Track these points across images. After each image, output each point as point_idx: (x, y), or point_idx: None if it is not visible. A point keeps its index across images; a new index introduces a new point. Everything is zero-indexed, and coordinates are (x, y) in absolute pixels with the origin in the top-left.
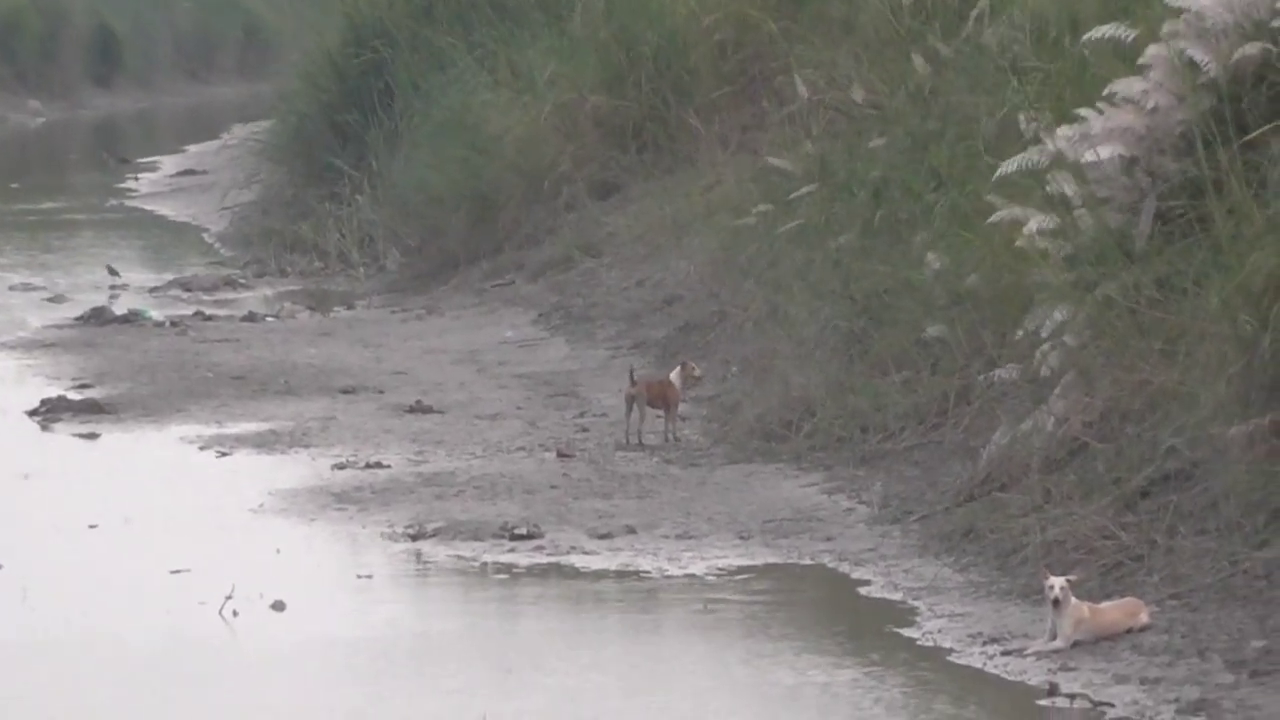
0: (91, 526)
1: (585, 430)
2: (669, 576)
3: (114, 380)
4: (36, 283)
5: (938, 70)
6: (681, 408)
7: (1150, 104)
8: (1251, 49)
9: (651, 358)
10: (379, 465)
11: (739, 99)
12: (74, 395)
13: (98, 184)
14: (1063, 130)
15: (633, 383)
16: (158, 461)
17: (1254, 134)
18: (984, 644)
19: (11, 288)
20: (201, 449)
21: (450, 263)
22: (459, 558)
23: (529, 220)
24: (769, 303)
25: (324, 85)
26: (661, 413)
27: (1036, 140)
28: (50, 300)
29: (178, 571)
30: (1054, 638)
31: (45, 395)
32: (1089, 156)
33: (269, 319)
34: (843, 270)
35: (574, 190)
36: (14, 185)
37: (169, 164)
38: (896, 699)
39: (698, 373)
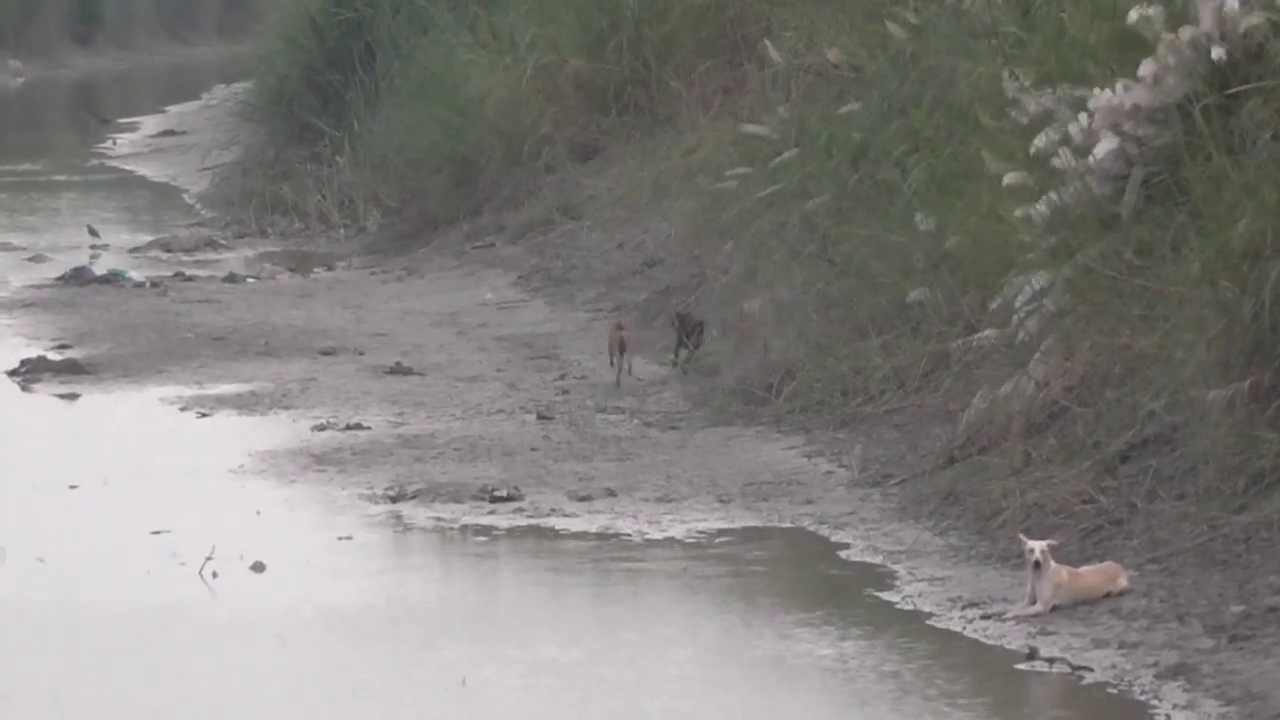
0: (71, 487)
1: (565, 392)
2: (649, 539)
3: (94, 341)
4: (16, 242)
5: (917, 34)
6: (661, 371)
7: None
8: (1256, 19)
9: (631, 320)
10: (359, 427)
11: (720, 62)
12: (54, 356)
13: (78, 144)
14: (1051, 99)
15: (619, 326)
16: (137, 422)
17: (1230, 90)
18: (963, 608)
19: None
20: (181, 410)
21: (430, 224)
22: (439, 520)
23: (509, 182)
24: (748, 266)
25: (304, 45)
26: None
27: (1018, 103)
28: (30, 260)
29: (157, 532)
30: (1033, 602)
31: (25, 355)
32: (1100, 148)
33: (249, 280)
34: (819, 233)
35: (554, 152)
36: None
37: (149, 124)
38: (877, 664)
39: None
